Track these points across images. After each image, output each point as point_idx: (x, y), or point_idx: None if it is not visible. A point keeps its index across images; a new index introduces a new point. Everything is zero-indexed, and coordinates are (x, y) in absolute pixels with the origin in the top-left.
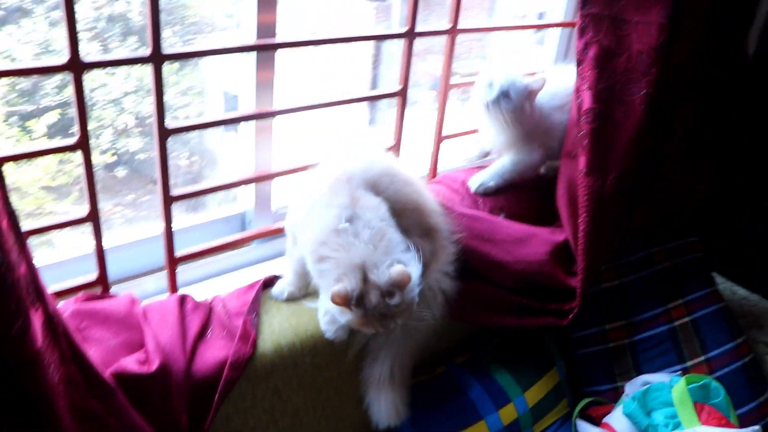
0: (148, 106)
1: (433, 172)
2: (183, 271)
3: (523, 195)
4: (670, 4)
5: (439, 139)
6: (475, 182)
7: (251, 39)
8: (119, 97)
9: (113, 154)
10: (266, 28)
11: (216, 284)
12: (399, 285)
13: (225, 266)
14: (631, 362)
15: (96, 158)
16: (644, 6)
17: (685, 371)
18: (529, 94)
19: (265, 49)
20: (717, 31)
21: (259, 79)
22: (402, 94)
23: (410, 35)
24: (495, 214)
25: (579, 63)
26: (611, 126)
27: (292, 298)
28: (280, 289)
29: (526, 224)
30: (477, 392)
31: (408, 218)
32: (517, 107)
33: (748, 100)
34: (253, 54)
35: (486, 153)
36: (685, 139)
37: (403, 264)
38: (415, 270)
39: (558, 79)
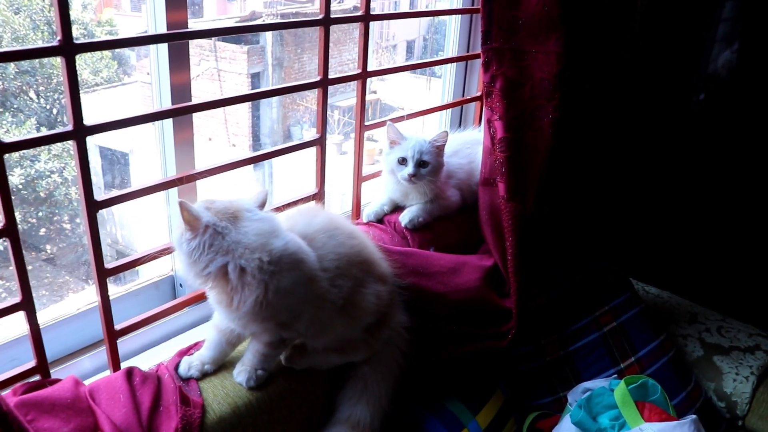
0: (17, 178)
1: (356, 213)
2: (121, 344)
3: (449, 224)
4: (562, 35)
5: (359, 179)
6: (405, 218)
7: (167, 103)
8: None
9: None
10: (181, 90)
11: (157, 353)
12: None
13: (161, 333)
14: (570, 372)
15: None
16: (540, 37)
17: (620, 373)
18: (438, 150)
19: (179, 114)
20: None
21: (177, 141)
22: (320, 143)
23: (324, 83)
24: (425, 248)
25: (488, 95)
26: (525, 152)
27: (204, 375)
28: (186, 365)
29: (456, 255)
30: (432, 424)
31: (359, 269)
32: (435, 167)
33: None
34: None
35: (396, 207)
36: (596, 158)
37: None
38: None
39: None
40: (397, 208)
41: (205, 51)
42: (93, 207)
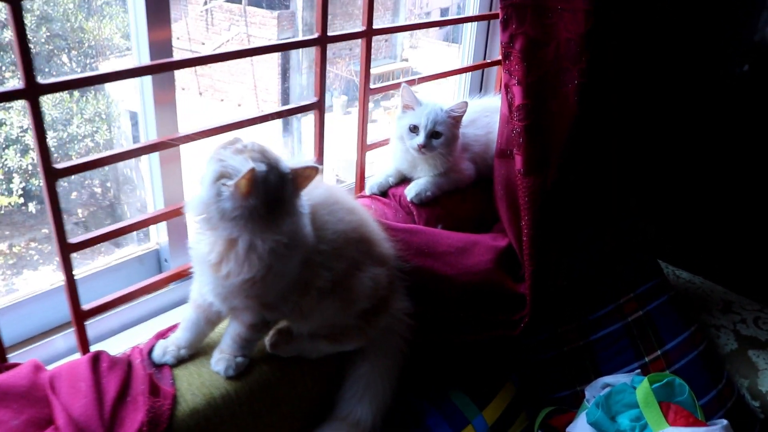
0: (50, 140)
1: (360, 184)
2: (95, 325)
3: (460, 198)
4: None
5: (363, 148)
6: (411, 191)
7: (145, 60)
8: (19, 134)
9: (19, 196)
10: (161, 47)
11: (136, 333)
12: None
13: (143, 312)
14: (589, 364)
15: (2, 200)
16: None
17: (644, 367)
18: (455, 121)
19: (158, 71)
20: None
21: (159, 101)
22: (319, 107)
23: (323, 41)
24: (432, 225)
25: (506, 57)
26: (546, 121)
27: (179, 361)
28: (161, 349)
29: (466, 233)
30: (434, 419)
31: (357, 249)
32: (449, 139)
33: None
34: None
35: (402, 179)
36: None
37: None
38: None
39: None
40: (404, 180)
41: (234, 16)
42: (51, 175)
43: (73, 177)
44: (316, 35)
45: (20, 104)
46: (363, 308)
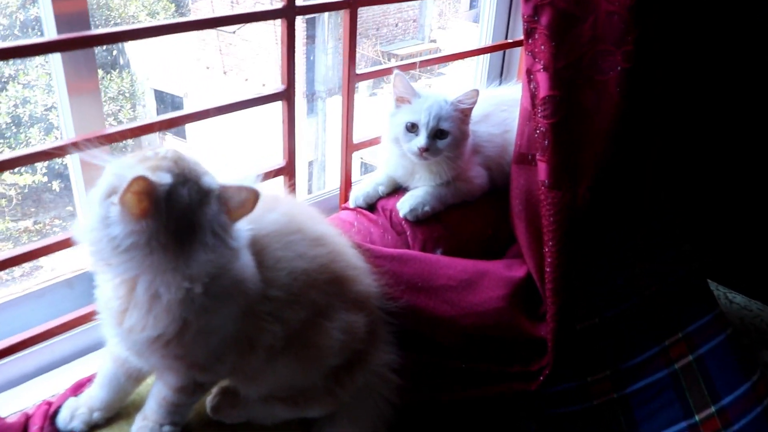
0: None
1: (345, 193)
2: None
3: (467, 214)
4: None
5: (349, 147)
6: (405, 205)
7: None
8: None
9: (43, 174)
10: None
11: (57, 378)
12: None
13: (68, 351)
14: (624, 422)
15: (27, 179)
16: None
17: (693, 428)
18: (463, 115)
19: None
20: None
21: (74, 90)
22: (287, 96)
23: (289, 12)
24: (429, 250)
25: (529, 34)
26: (579, 118)
27: (91, 428)
28: (69, 412)
29: (473, 260)
30: None
31: (324, 292)
32: (457, 139)
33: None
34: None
35: (396, 188)
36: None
37: None
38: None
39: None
40: (398, 190)
41: None
42: None
43: None
44: (281, 5)
45: (44, 82)
46: (332, 365)
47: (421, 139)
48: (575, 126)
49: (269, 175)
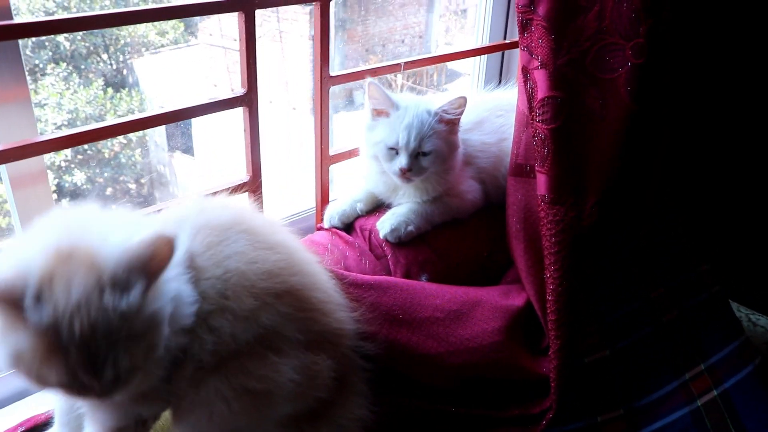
0: None
1: (322, 211)
2: None
3: (457, 233)
4: None
5: (324, 160)
6: (386, 225)
7: None
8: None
9: (53, 192)
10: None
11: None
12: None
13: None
14: None
15: None
16: None
17: None
18: (450, 126)
19: None
20: None
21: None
22: (248, 102)
23: (248, 5)
24: (414, 276)
25: (524, 27)
26: (583, 122)
27: None
28: None
29: (464, 287)
30: None
31: (276, 311)
32: (443, 153)
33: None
34: None
35: (377, 205)
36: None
37: None
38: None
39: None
40: (380, 207)
41: (266, 12)
42: None
43: (105, 174)
44: None
45: (54, 101)
46: (285, 413)
47: (402, 159)
48: (579, 131)
49: (235, 189)
